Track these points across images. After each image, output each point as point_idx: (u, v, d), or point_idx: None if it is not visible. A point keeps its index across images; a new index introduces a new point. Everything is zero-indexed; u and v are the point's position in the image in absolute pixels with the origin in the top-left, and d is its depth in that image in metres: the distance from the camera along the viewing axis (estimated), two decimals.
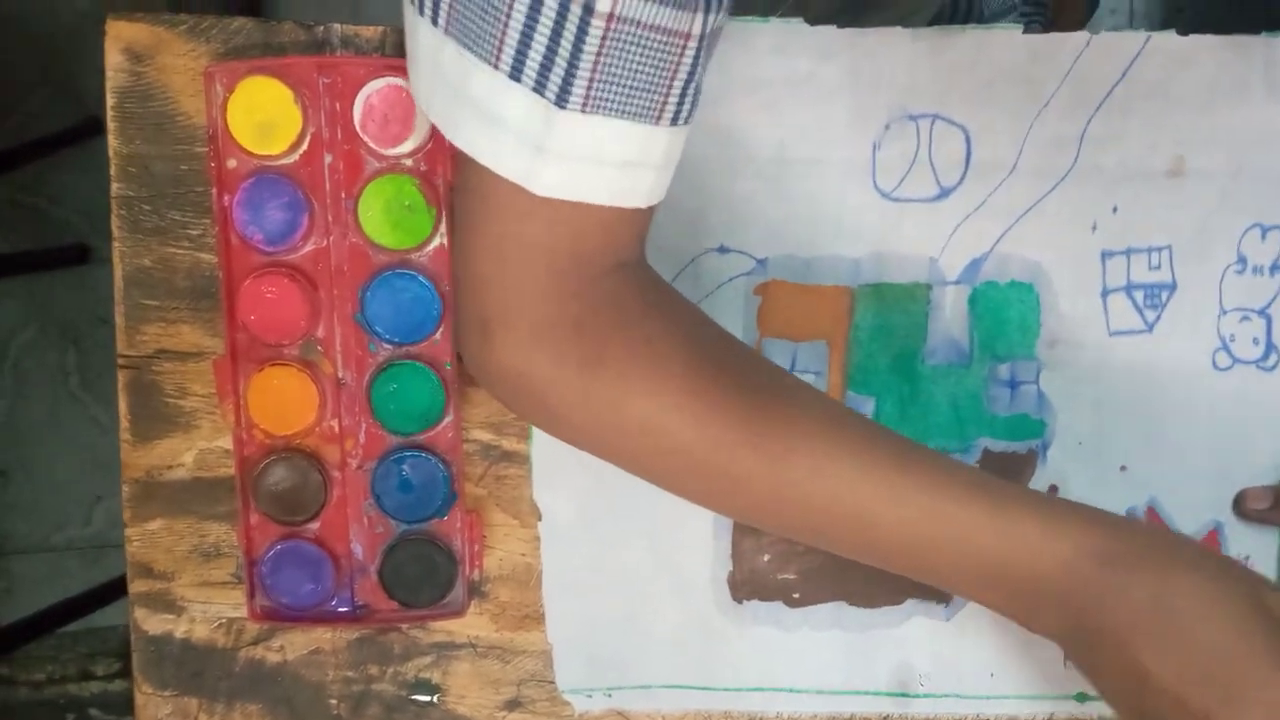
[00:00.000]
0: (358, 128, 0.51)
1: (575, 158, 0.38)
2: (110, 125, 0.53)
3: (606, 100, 0.37)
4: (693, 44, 0.37)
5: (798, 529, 0.46)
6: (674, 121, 0.39)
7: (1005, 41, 0.53)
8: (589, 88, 0.36)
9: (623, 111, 0.37)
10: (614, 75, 0.37)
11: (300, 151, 0.52)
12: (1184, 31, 0.53)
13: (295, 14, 1.30)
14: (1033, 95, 0.53)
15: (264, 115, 0.50)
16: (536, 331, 0.41)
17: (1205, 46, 0.53)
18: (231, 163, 0.52)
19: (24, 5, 1.31)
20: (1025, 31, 0.53)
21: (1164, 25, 0.54)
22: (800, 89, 0.53)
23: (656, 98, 0.38)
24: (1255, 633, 0.40)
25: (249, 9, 1.25)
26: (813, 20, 0.52)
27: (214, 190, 0.51)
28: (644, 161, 0.39)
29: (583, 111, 0.37)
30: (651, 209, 0.42)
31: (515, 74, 0.36)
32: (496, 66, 0.37)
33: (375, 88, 0.51)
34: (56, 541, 1.36)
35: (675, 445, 0.42)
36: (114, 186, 0.53)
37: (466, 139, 0.39)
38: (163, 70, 0.52)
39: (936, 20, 0.67)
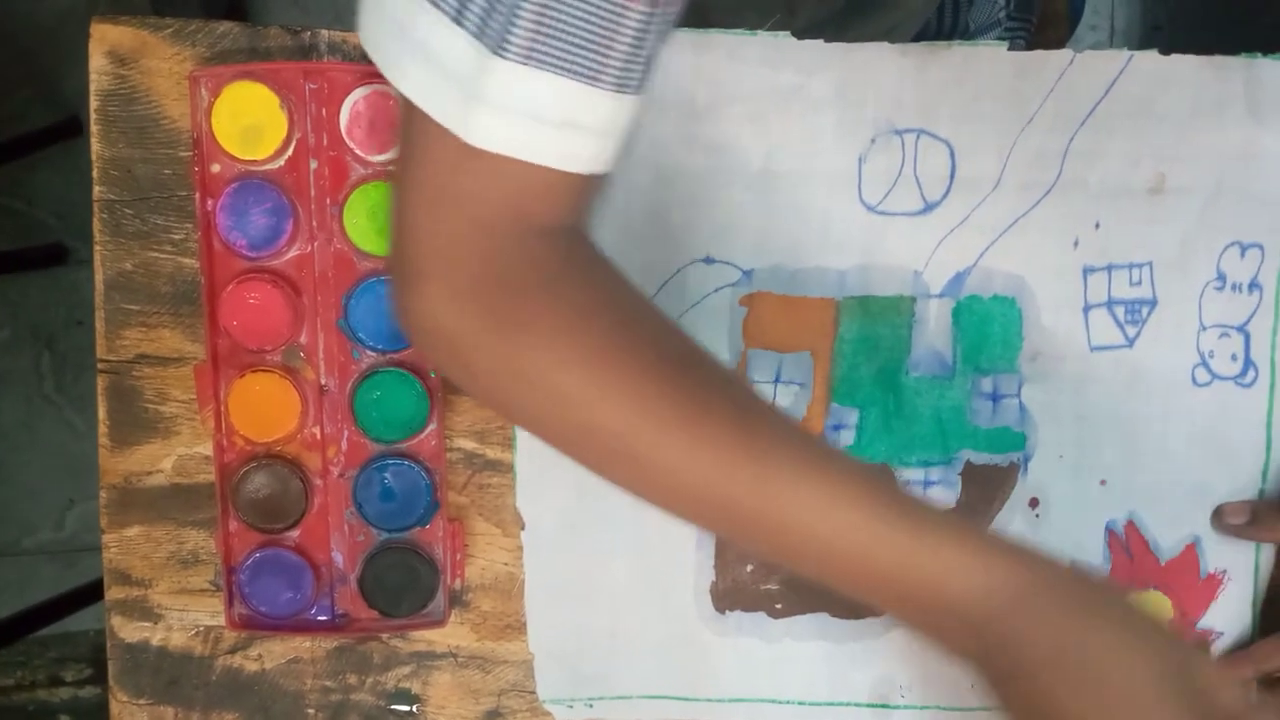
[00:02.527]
0: (344, 134, 0.51)
1: (512, 110, 0.37)
2: (93, 128, 0.52)
3: (546, 54, 0.37)
4: (635, 9, 0.37)
5: (704, 519, 0.44)
6: (619, 88, 0.38)
7: (990, 58, 0.53)
8: (531, 39, 0.36)
9: (561, 67, 0.37)
10: (555, 29, 0.36)
11: (285, 157, 0.51)
12: (1165, 51, 0.54)
13: (277, 20, 1.30)
14: (1017, 112, 0.53)
15: (249, 120, 0.50)
16: (461, 286, 0.40)
17: (1186, 66, 0.54)
18: (215, 167, 0.51)
19: (3, 5, 1.29)
20: (1010, 49, 0.53)
21: (1143, 42, 0.54)
22: (787, 102, 0.53)
23: (596, 57, 0.37)
24: (1170, 695, 0.39)
25: (231, 14, 1.24)
26: (800, 33, 0.52)
27: (197, 195, 0.51)
28: (582, 124, 0.38)
29: (522, 62, 0.36)
30: (596, 180, 0.41)
31: (458, 18, 0.36)
32: (441, 9, 0.36)
33: (362, 94, 0.50)
34: (28, 545, 1.34)
35: (585, 419, 0.41)
36: (96, 190, 0.53)
37: (408, 82, 0.38)
38: (147, 74, 0.52)
39: (922, 34, 0.67)
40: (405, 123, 0.40)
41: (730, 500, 0.41)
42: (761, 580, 0.56)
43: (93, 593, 1.20)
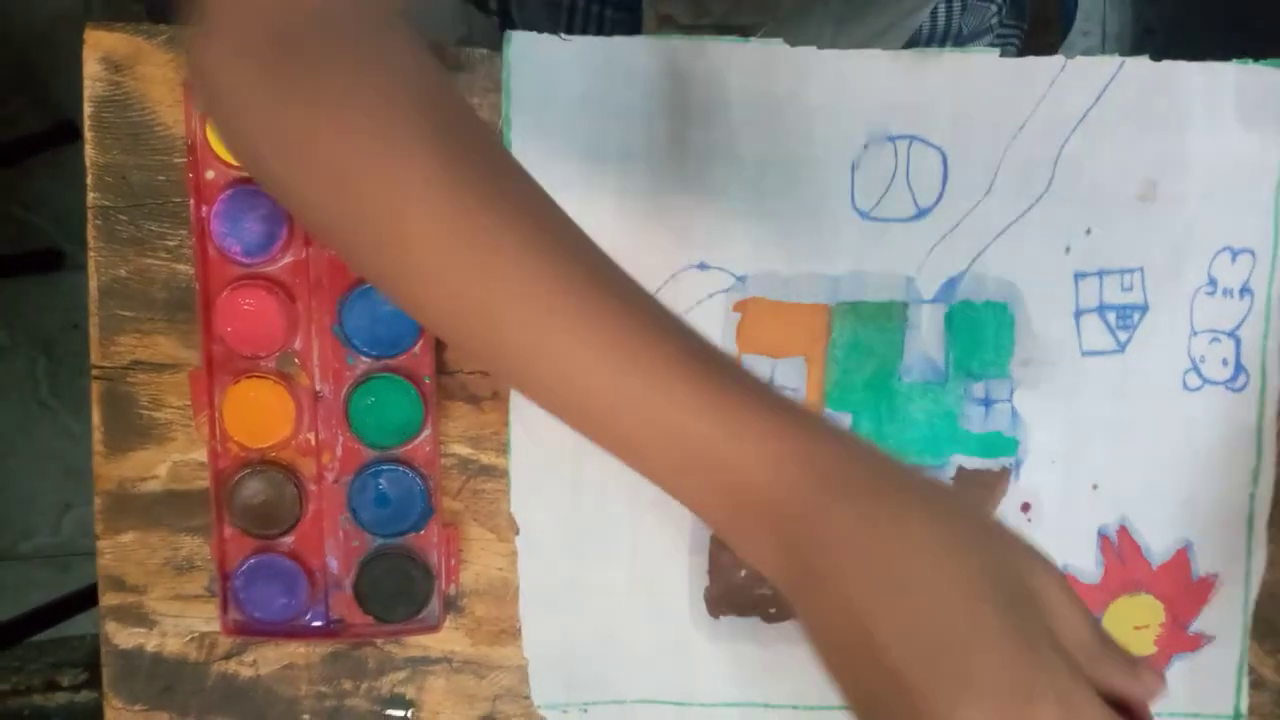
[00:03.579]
0: None
1: None
2: (88, 134, 0.52)
3: None
4: None
5: (478, 352, 0.38)
6: None
7: (983, 65, 0.53)
8: None
9: None
10: None
11: None
12: (1157, 57, 0.54)
13: None
14: (1009, 118, 0.54)
15: None
16: (248, 38, 0.36)
17: (1178, 72, 0.54)
18: (210, 174, 0.51)
19: None
20: (1002, 55, 0.53)
21: (1135, 46, 0.55)
22: (780, 108, 0.53)
23: None
24: (995, 600, 0.32)
25: None
26: (794, 40, 0.53)
27: (192, 201, 0.51)
28: None
29: None
30: None
31: None
32: None
33: None
34: (24, 550, 1.34)
35: (355, 197, 0.35)
36: (91, 196, 0.53)
37: None
38: (142, 80, 0.52)
39: (915, 37, 0.67)
40: None
41: (487, 314, 0.35)
42: (756, 585, 0.56)
43: (89, 598, 1.20)
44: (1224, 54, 0.54)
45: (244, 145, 0.39)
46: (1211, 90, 0.54)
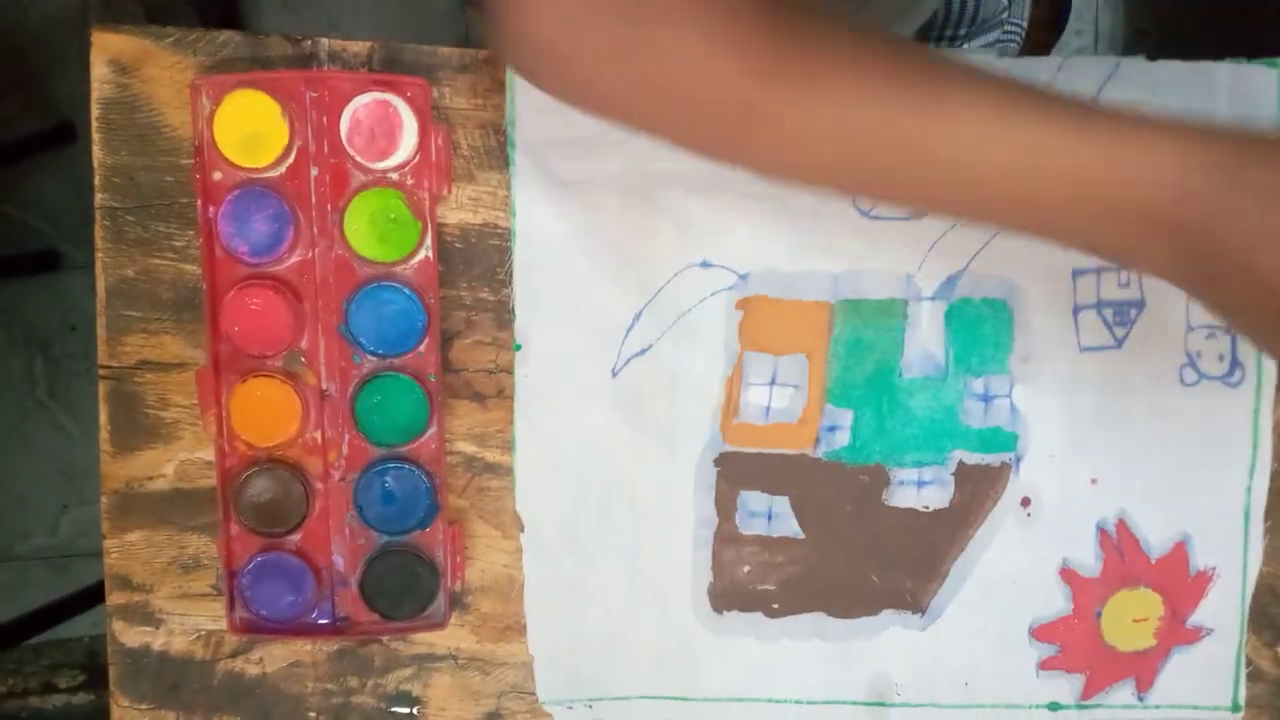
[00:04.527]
0: (344, 141, 0.51)
1: None
2: (95, 136, 0.52)
3: None
4: None
5: (844, 168, 0.41)
6: None
7: (980, 64, 0.54)
8: None
9: None
10: None
11: (286, 164, 0.52)
12: (1151, 57, 0.54)
13: (271, 29, 1.30)
14: None
15: (250, 128, 0.51)
16: None
17: (1172, 72, 0.54)
18: (217, 175, 0.52)
19: None
20: (1004, 53, 0.54)
21: (1128, 47, 0.55)
22: None
23: None
24: None
25: (225, 23, 1.25)
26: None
27: (199, 202, 0.51)
28: None
29: None
30: None
31: None
32: None
33: (362, 102, 0.51)
34: (22, 551, 1.34)
35: (716, 90, 0.38)
36: (98, 197, 0.53)
37: None
38: (148, 82, 0.52)
39: (933, 20, 0.68)
40: None
41: (884, 136, 0.39)
42: (759, 580, 0.57)
43: (87, 599, 1.20)
44: (1215, 54, 0.55)
45: (587, 80, 0.40)
46: (1205, 89, 0.55)
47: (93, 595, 1.18)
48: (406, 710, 0.57)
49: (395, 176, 0.52)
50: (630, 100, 0.41)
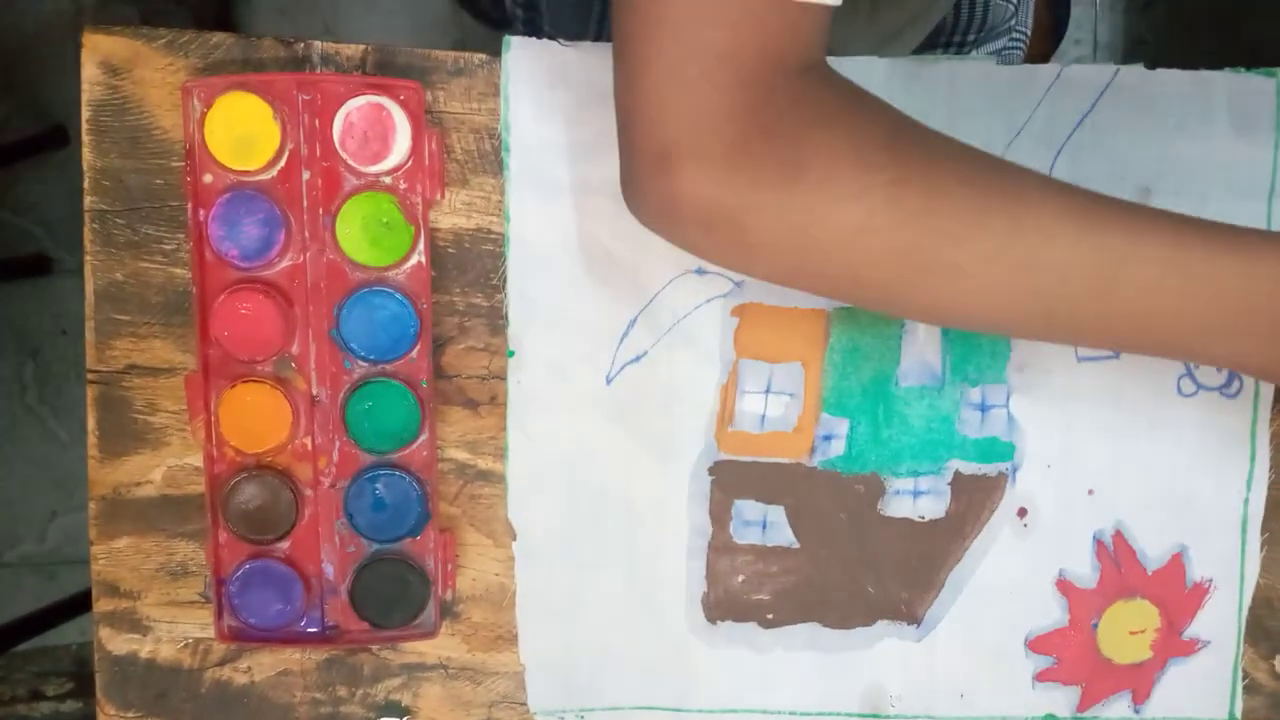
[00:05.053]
0: (337, 145, 0.51)
1: None
2: (85, 138, 0.52)
3: None
4: None
5: (1023, 315, 0.43)
6: None
7: (979, 72, 0.54)
8: None
9: None
10: None
11: (278, 168, 0.51)
12: (1151, 65, 0.54)
13: (265, 32, 1.30)
14: (1004, 124, 0.54)
15: (242, 131, 0.50)
16: (728, 151, 0.38)
17: (1171, 81, 0.54)
18: (208, 178, 0.51)
19: None
20: (1003, 63, 0.54)
21: (1127, 56, 0.55)
22: None
23: None
24: None
25: (219, 26, 1.24)
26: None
27: (189, 205, 0.51)
28: None
29: None
30: (830, 10, 0.40)
31: None
32: None
33: (355, 105, 0.51)
34: (10, 558, 1.33)
35: (888, 248, 0.40)
36: (88, 200, 0.52)
37: None
38: (139, 84, 0.52)
39: (941, 26, 0.68)
40: (625, 6, 0.39)
41: (1057, 285, 0.41)
42: (753, 590, 0.56)
43: (75, 606, 1.19)
44: (1214, 64, 0.55)
45: (751, 249, 0.41)
46: (1204, 98, 0.54)
47: (81, 602, 1.17)
48: None
49: (388, 180, 0.52)
50: (799, 265, 0.41)
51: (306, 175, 0.52)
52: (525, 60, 0.52)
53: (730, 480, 0.55)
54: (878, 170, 0.39)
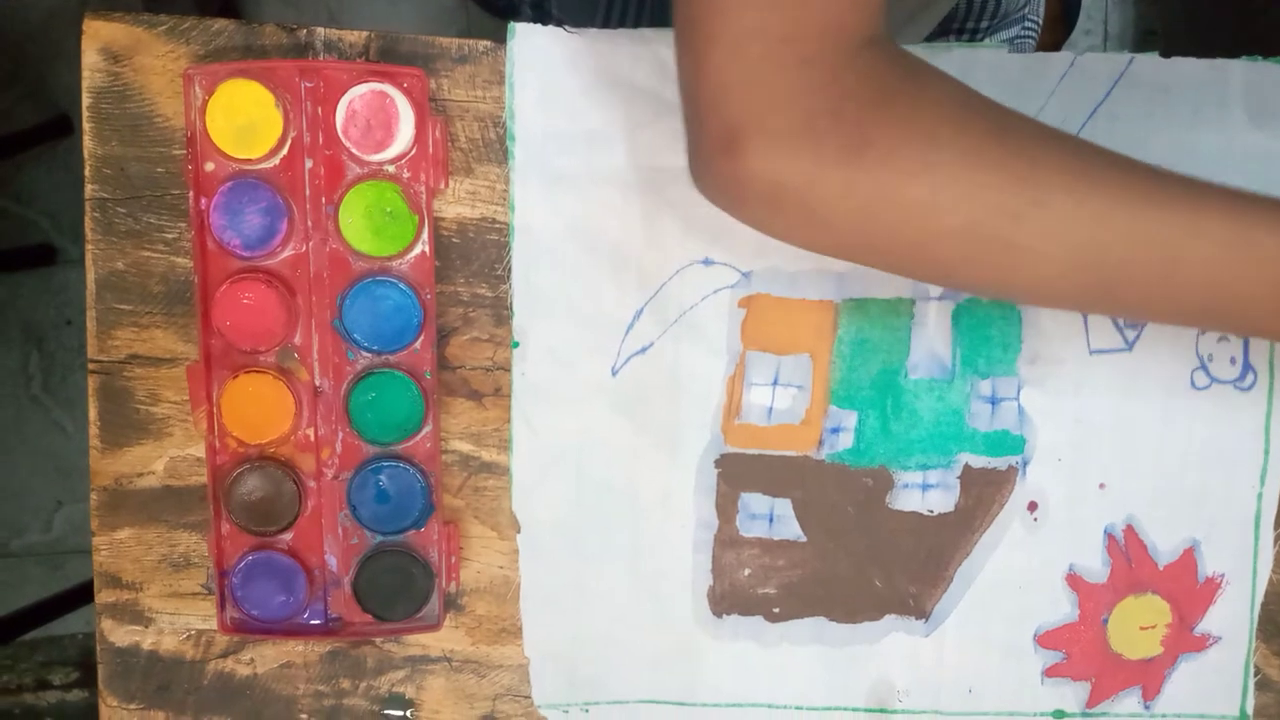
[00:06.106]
0: (340, 133, 0.50)
1: None
2: (85, 126, 0.51)
3: None
4: None
5: (1086, 291, 0.43)
6: None
7: (992, 60, 0.53)
8: None
9: None
10: None
11: (280, 156, 0.51)
12: (1165, 54, 0.53)
13: (270, 18, 1.29)
14: None
15: (244, 118, 0.50)
16: (793, 130, 0.38)
17: (1186, 69, 0.53)
18: (209, 166, 0.51)
19: None
20: (1014, 50, 0.53)
21: (1138, 46, 0.54)
22: None
23: None
24: None
25: (223, 13, 1.24)
26: None
27: (191, 193, 0.50)
28: None
29: None
30: None
31: None
32: None
33: (358, 93, 0.50)
34: (15, 548, 1.33)
35: (953, 224, 0.40)
36: (88, 188, 0.52)
37: None
38: (140, 71, 0.51)
39: (953, 14, 0.68)
40: None
41: (1123, 262, 0.41)
42: (759, 584, 0.56)
43: (81, 595, 1.19)
44: (1226, 53, 0.54)
45: (821, 226, 0.41)
46: (1220, 86, 0.54)
47: (86, 592, 1.17)
48: (399, 713, 0.56)
49: (391, 169, 0.51)
50: (866, 241, 0.41)
51: (309, 164, 0.51)
52: (531, 47, 0.52)
53: (737, 473, 0.55)
54: (942, 146, 0.39)
